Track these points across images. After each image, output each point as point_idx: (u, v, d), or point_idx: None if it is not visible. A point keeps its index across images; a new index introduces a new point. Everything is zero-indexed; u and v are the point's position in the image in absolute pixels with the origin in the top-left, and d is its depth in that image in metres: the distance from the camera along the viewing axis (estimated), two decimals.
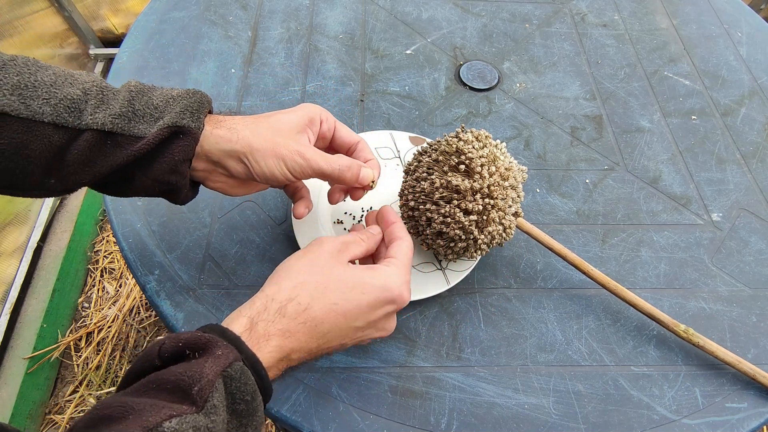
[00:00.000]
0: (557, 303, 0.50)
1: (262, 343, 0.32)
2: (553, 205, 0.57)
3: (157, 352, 0.30)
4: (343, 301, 0.35)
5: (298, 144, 0.39)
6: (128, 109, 0.35)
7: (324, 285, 0.35)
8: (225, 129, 0.37)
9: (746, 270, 0.53)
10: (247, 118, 0.39)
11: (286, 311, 0.33)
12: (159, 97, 0.37)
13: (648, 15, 0.79)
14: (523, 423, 0.43)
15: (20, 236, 1.08)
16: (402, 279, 0.37)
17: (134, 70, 0.64)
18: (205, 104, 0.37)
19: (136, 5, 1.43)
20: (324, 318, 0.34)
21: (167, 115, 0.35)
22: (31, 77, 0.33)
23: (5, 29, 1.11)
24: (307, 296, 0.34)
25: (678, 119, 0.66)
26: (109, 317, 1.13)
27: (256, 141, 0.37)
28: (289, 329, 0.33)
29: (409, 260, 0.39)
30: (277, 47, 0.69)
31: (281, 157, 0.38)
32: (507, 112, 0.65)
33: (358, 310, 0.35)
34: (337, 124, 0.44)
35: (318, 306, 0.34)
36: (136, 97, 0.36)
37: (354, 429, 0.41)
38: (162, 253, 0.50)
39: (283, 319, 0.33)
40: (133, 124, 0.35)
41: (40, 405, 1.02)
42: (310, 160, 0.39)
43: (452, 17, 0.76)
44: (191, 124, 0.35)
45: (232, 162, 0.38)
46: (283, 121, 0.40)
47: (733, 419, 0.44)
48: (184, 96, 0.37)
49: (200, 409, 0.27)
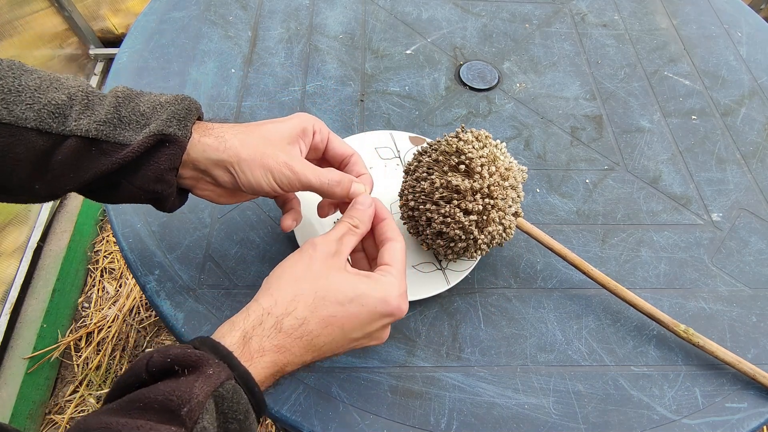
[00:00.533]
0: (557, 303, 0.50)
1: (256, 359, 0.31)
2: (553, 205, 0.57)
3: (145, 365, 0.28)
4: (341, 314, 0.34)
5: (288, 155, 0.38)
6: (114, 116, 0.34)
7: (322, 296, 0.34)
8: (213, 137, 0.37)
9: (746, 270, 0.53)
10: (238, 127, 0.38)
11: (282, 326, 0.32)
12: (146, 103, 0.36)
13: (648, 15, 0.79)
14: (523, 423, 0.43)
15: (20, 236, 1.08)
16: (400, 290, 0.36)
17: (134, 70, 0.65)
18: (193, 111, 0.37)
19: (136, 5, 1.43)
20: (321, 332, 0.33)
21: (153, 122, 0.35)
22: (15, 81, 0.32)
23: (5, 29, 1.11)
24: (304, 310, 0.33)
25: (678, 119, 0.66)
26: (109, 317, 1.13)
27: (244, 151, 0.36)
28: (285, 345, 0.32)
29: (404, 265, 0.38)
30: (277, 47, 0.69)
31: (269, 168, 0.37)
32: (507, 112, 0.65)
33: (357, 321, 0.34)
34: (330, 135, 0.43)
35: (315, 320, 0.33)
36: (123, 104, 0.35)
37: (354, 429, 0.41)
38: (162, 253, 0.50)
39: (279, 335, 0.32)
40: (119, 131, 0.34)
41: (40, 405, 1.02)
42: (298, 173, 0.38)
43: (452, 17, 0.76)
44: (178, 132, 0.35)
45: (219, 171, 0.37)
46: (274, 131, 0.39)
47: (733, 419, 0.44)
48: (172, 102, 0.36)
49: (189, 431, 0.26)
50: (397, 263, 0.37)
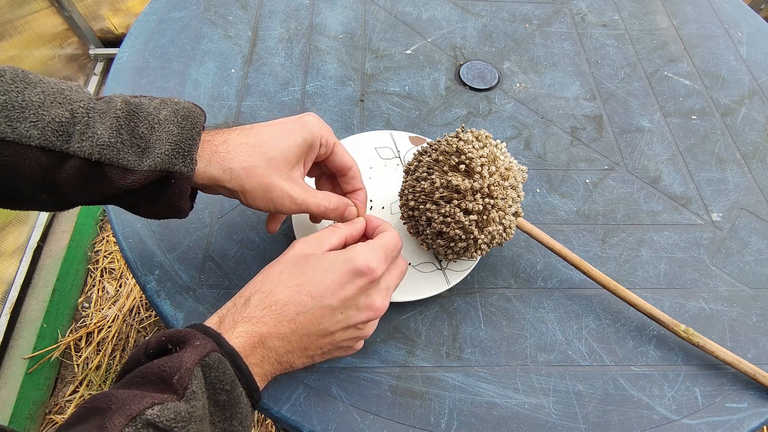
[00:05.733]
0: (557, 303, 0.50)
1: (229, 332, 0.33)
2: (553, 205, 0.57)
3: (144, 349, 0.31)
4: (306, 281, 0.34)
5: (290, 184, 0.39)
6: (116, 139, 0.34)
7: (288, 270, 0.35)
8: (218, 167, 0.37)
9: (746, 270, 0.53)
10: (244, 146, 0.38)
11: (249, 302, 0.34)
12: (145, 123, 0.35)
13: (648, 15, 0.79)
14: (523, 423, 0.43)
15: (20, 236, 1.08)
16: (371, 254, 0.36)
17: (134, 70, 0.64)
18: (196, 138, 0.36)
19: (136, 5, 1.43)
20: (288, 299, 0.34)
21: (156, 148, 0.35)
22: (18, 96, 0.32)
23: (5, 29, 1.11)
24: (270, 283, 0.35)
25: (678, 119, 0.66)
26: (109, 317, 1.13)
27: (248, 182, 0.37)
28: (254, 315, 0.33)
29: (390, 245, 0.38)
30: (277, 47, 0.69)
31: (272, 200, 0.39)
32: (507, 112, 0.65)
33: (323, 286, 0.34)
34: (336, 146, 0.43)
35: (281, 289, 0.34)
36: (124, 125, 0.35)
37: (354, 429, 0.41)
38: (162, 253, 0.50)
39: (247, 308, 0.34)
40: (122, 155, 0.34)
41: (40, 405, 1.02)
42: (299, 204, 0.39)
43: (452, 17, 0.76)
44: (183, 168, 0.35)
45: (224, 191, 0.39)
46: (279, 151, 0.39)
47: (733, 419, 0.44)
48: (173, 122, 0.36)
49: (181, 396, 0.28)
50: (379, 239, 0.38)
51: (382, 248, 0.37)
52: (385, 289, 0.37)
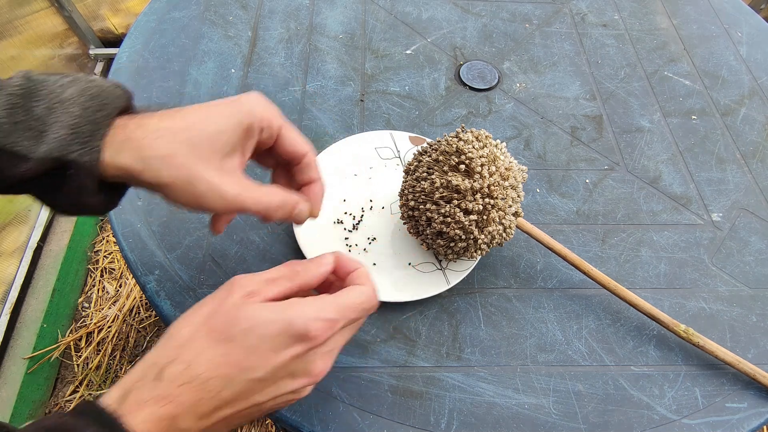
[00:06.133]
0: (557, 303, 0.50)
1: (133, 413, 0.27)
2: (553, 205, 0.57)
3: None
4: (235, 348, 0.28)
5: (220, 176, 0.32)
6: (7, 120, 0.28)
7: (216, 334, 0.28)
8: (128, 154, 0.30)
9: (746, 270, 0.53)
10: (162, 131, 0.31)
11: (163, 375, 0.28)
12: (45, 102, 0.29)
13: (648, 15, 0.79)
14: (523, 423, 0.43)
15: (20, 236, 1.08)
16: (318, 315, 0.29)
17: (134, 70, 0.64)
18: (103, 122, 0.30)
19: (136, 5, 1.43)
20: (211, 373, 0.28)
21: (52, 132, 0.29)
22: None
23: (5, 29, 1.11)
24: (190, 353, 0.28)
25: (678, 119, 0.66)
26: (109, 317, 1.13)
27: (167, 174, 0.30)
28: (167, 394, 0.27)
29: (353, 305, 0.31)
30: (277, 47, 0.69)
31: (196, 196, 0.31)
32: (507, 112, 0.65)
33: (255, 356, 0.28)
34: (283, 129, 0.35)
35: (203, 360, 0.28)
36: (19, 105, 0.29)
37: (354, 429, 0.41)
38: (162, 253, 0.50)
39: (159, 384, 0.27)
40: (12, 139, 0.28)
41: (40, 405, 1.02)
42: (231, 201, 0.32)
43: (452, 17, 0.76)
44: (81, 157, 0.29)
45: (142, 185, 0.32)
46: (207, 136, 0.32)
47: (733, 419, 0.44)
48: (77, 102, 0.30)
49: None
50: (339, 296, 0.31)
51: (336, 309, 0.30)
52: (328, 352, 0.31)
